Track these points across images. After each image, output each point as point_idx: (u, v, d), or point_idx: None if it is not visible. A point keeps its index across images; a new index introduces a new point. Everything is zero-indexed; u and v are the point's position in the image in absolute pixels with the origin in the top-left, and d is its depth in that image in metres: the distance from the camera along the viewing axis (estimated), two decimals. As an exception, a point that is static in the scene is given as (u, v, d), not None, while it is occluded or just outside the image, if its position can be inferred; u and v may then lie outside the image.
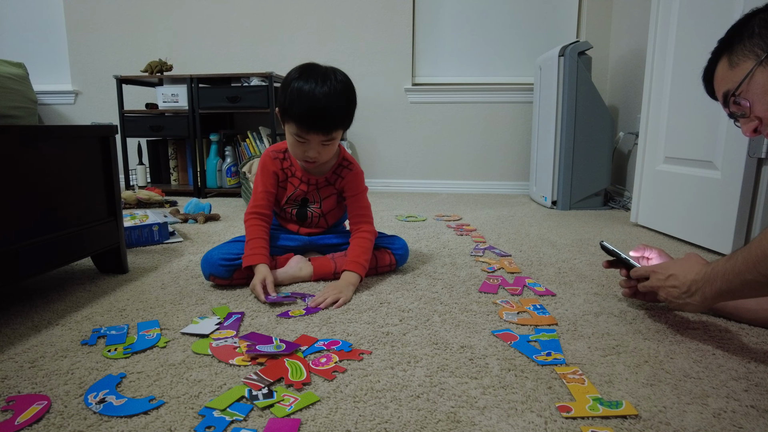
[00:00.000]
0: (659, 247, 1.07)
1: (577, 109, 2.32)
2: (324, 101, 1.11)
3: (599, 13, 2.84)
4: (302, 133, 1.15)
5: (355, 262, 1.21)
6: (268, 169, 1.28)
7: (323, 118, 1.13)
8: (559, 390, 0.74)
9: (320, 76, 1.13)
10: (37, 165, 1.08)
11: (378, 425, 0.65)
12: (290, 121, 1.15)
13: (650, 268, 0.96)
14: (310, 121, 1.13)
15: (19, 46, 3.24)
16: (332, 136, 1.16)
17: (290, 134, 1.18)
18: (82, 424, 0.66)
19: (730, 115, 0.86)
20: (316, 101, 1.11)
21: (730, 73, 0.83)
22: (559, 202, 2.42)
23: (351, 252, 1.24)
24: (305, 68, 1.16)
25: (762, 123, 0.82)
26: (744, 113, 0.83)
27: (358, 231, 1.28)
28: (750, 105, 0.81)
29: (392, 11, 2.96)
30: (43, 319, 1.03)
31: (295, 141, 1.18)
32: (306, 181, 1.29)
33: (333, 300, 1.10)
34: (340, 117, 1.15)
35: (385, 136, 3.10)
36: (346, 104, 1.16)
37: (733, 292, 0.80)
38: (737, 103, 0.83)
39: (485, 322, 1.01)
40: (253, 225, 1.24)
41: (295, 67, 1.18)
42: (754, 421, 0.66)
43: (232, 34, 3.08)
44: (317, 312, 1.06)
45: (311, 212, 1.34)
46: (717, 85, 0.88)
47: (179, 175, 3.08)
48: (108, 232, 1.29)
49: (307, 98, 1.11)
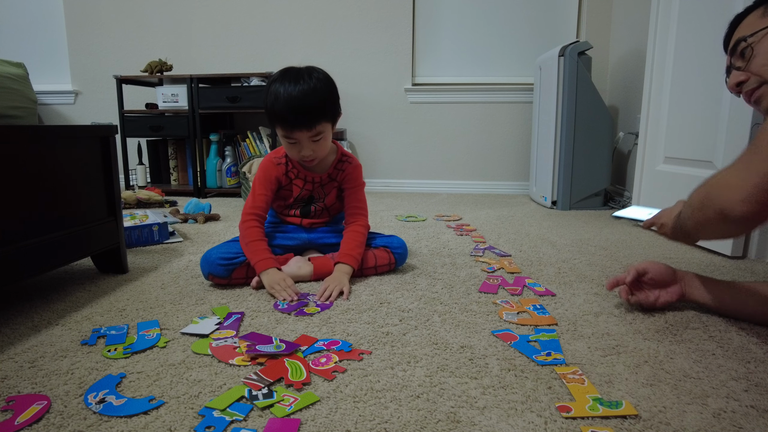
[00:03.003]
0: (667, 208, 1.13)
1: (577, 109, 2.32)
2: (300, 97, 1.15)
3: (599, 13, 2.84)
4: (288, 132, 1.19)
5: (349, 254, 1.25)
6: (271, 174, 1.30)
7: (302, 113, 1.16)
8: (559, 390, 0.74)
9: (294, 76, 1.17)
10: (36, 165, 1.08)
11: (378, 425, 0.65)
12: (275, 123, 1.20)
13: (653, 218, 1.15)
14: (291, 118, 1.16)
15: (19, 46, 3.24)
16: (317, 131, 1.19)
17: (281, 137, 1.22)
18: (82, 424, 0.66)
19: (729, 66, 0.87)
20: (292, 99, 1.15)
21: (757, 22, 0.83)
22: (559, 202, 2.42)
23: (345, 245, 1.27)
24: (283, 72, 1.21)
25: (748, 81, 0.81)
26: (740, 66, 0.83)
27: (352, 224, 1.32)
28: (752, 56, 0.80)
29: (392, 11, 2.96)
30: (43, 319, 1.03)
31: (286, 144, 1.23)
32: (311, 181, 1.32)
33: (339, 291, 1.14)
34: (318, 110, 1.17)
35: (385, 136, 3.10)
36: (323, 97, 1.18)
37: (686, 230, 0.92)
38: (743, 52, 0.82)
39: (485, 322, 1.01)
40: (252, 227, 1.24)
41: (273, 74, 1.23)
42: (754, 421, 0.66)
43: (232, 34, 3.08)
44: (331, 307, 1.09)
45: (315, 207, 1.37)
46: (739, 30, 0.88)
47: (179, 175, 3.08)
48: (108, 232, 1.29)
49: (284, 98, 1.16)
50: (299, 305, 1.09)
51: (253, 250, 1.21)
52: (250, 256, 1.21)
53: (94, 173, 1.27)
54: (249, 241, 1.22)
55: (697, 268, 1.41)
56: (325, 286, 1.15)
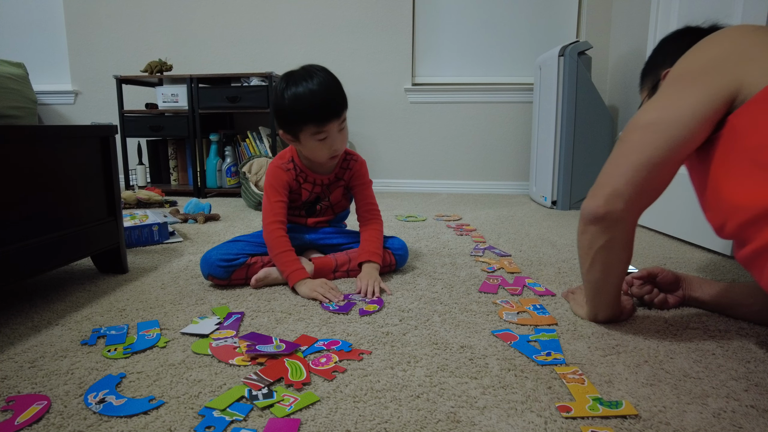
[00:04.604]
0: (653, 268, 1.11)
1: (577, 109, 2.32)
2: (322, 90, 1.16)
3: (599, 13, 2.84)
4: (321, 127, 1.18)
5: (375, 253, 1.28)
6: (282, 179, 1.29)
7: (330, 103, 1.17)
8: (559, 390, 0.74)
9: (303, 76, 1.18)
10: (36, 165, 1.08)
11: (378, 425, 0.65)
12: (305, 125, 1.18)
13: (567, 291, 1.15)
14: (322, 111, 1.16)
15: (19, 46, 3.24)
16: (343, 118, 1.22)
17: (310, 139, 1.20)
18: (82, 424, 0.66)
19: None
20: (315, 94, 1.15)
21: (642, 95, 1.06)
22: (558, 202, 2.42)
23: (368, 244, 1.30)
24: (287, 76, 1.20)
25: None
26: None
27: (370, 223, 1.34)
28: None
29: (392, 11, 2.95)
30: (43, 319, 1.03)
31: (316, 144, 1.20)
32: (319, 184, 1.33)
33: (378, 287, 1.18)
34: (341, 96, 1.20)
35: (385, 136, 3.10)
36: (337, 84, 1.21)
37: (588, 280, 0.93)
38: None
39: (485, 322, 1.01)
40: (280, 236, 1.23)
41: (276, 85, 1.23)
42: (754, 421, 0.66)
43: (232, 34, 3.08)
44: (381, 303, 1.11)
45: (320, 206, 1.38)
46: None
47: (179, 175, 3.08)
48: (108, 232, 1.29)
49: (308, 96, 1.15)
50: (349, 306, 1.09)
51: (283, 261, 1.20)
52: (281, 267, 1.20)
53: (94, 173, 1.27)
54: (278, 252, 1.21)
55: (697, 268, 1.41)
56: (365, 284, 1.17)
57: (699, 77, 0.78)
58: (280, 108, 1.19)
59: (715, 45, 0.80)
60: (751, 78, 0.73)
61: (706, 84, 0.77)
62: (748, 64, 0.74)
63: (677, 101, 0.78)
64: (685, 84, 0.79)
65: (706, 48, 0.81)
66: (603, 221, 0.82)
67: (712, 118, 0.76)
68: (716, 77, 0.76)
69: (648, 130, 0.79)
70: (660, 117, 0.79)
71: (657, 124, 0.79)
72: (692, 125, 0.76)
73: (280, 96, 1.18)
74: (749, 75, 0.73)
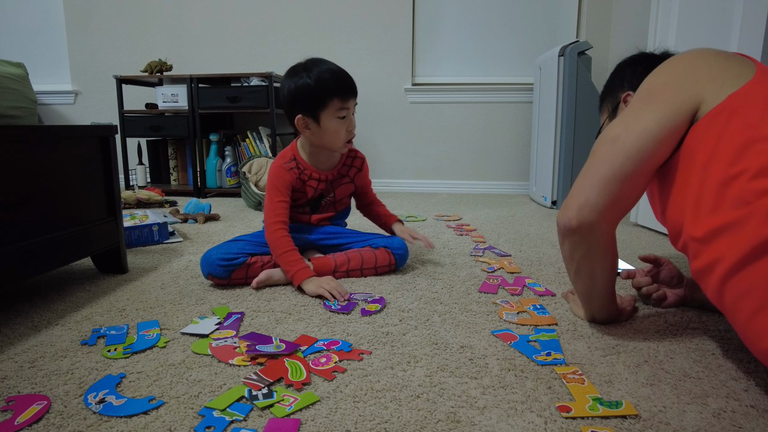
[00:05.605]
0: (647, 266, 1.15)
1: (577, 109, 2.32)
2: (341, 69, 1.24)
3: (599, 13, 2.84)
4: (344, 102, 1.22)
5: (394, 215, 1.48)
6: (285, 179, 1.29)
7: (351, 80, 1.24)
8: (559, 390, 0.74)
9: (317, 62, 1.25)
10: (36, 165, 1.08)
11: (378, 425, 0.65)
12: (331, 99, 1.21)
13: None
14: (347, 86, 1.23)
15: (19, 46, 3.24)
16: (356, 102, 1.28)
17: (331, 119, 1.23)
18: (82, 424, 0.66)
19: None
20: (338, 71, 1.23)
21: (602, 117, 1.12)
22: (559, 202, 2.42)
23: (385, 212, 1.49)
24: (299, 64, 1.26)
25: None
26: None
27: (379, 206, 1.51)
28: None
29: (392, 11, 2.95)
30: (43, 319, 1.03)
31: (337, 124, 1.24)
32: (324, 180, 1.34)
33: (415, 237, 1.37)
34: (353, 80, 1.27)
35: (385, 136, 3.10)
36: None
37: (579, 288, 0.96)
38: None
39: (485, 322, 1.01)
40: (282, 237, 1.22)
41: (286, 77, 1.26)
42: (754, 421, 0.66)
43: (231, 34, 3.08)
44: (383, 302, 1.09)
45: (324, 202, 1.39)
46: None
47: (179, 175, 3.08)
48: (108, 232, 1.29)
49: (330, 73, 1.22)
50: (351, 306, 1.09)
51: (288, 260, 1.20)
52: (286, 267, 1.20)
53: (94, 173, 1.27)
54: (282, 252, 1.21)
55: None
56: (408, 234, 1.38)
57: (662, 93, 0.82)
58: (304, 88, 1.22)
59: (677, 65, 0.85)
60: (710, 95, 0.77)
61: (669, 99, 0.80)
62: (707, 83, 0.78)
63: (644, 115, 0.82)
64: (650, 100, 0.83)
65: (669, 68, 0.85)
66: (577, 233, 0.84)
67: (676, 131, 0.79)
68: (678, 93, 0.80)
69: (617, 142, 0.82)
70: (627, 130, 0.82)
71: (625, 135, 0.82)
72: (659, 136, 0.79)
73: (301, 78, 1.22)
74: (708, 92, 0.77)
